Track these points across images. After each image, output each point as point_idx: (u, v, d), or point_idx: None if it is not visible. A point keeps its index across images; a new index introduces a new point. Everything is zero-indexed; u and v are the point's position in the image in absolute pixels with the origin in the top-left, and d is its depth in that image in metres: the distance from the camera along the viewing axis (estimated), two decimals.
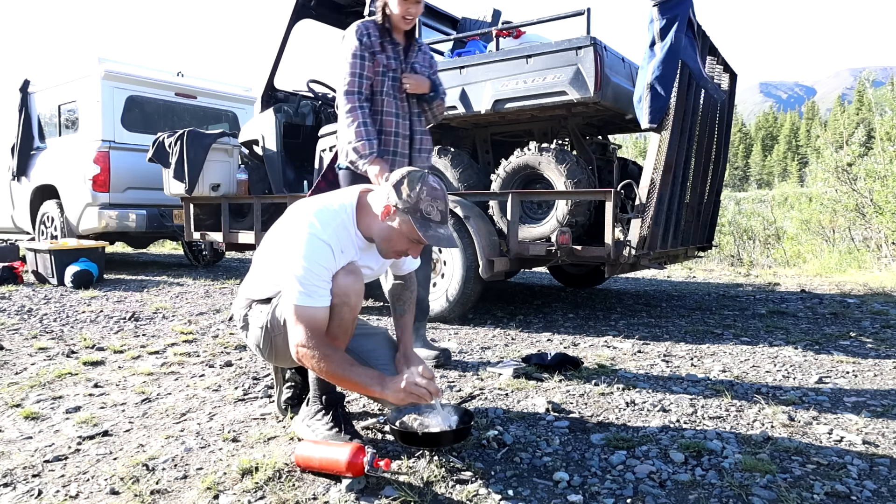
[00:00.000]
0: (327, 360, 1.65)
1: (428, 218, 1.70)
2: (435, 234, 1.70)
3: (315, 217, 1.73)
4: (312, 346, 1.65)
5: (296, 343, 1.67)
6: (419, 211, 1.69)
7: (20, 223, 7.67)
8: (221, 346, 3.33)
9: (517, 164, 3.95)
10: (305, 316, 1.67)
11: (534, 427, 2.05)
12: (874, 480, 1.66)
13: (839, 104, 24.54)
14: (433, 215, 1.70)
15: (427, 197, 1.69)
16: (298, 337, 1.67)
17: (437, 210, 1.71)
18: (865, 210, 9.14)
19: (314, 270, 1.66)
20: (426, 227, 1.69)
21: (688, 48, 3.44)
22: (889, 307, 4.42)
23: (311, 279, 1.66)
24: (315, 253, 1.67)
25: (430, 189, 1.71)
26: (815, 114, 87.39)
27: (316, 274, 1.67)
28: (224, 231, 5.39)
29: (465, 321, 3.96)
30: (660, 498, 1.56)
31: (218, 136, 5.51)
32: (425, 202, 1.69)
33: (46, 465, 1.80)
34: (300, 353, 1.67)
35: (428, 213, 1.70)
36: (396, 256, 1.83)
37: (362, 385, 1.68)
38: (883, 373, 2.73)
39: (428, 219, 1.70)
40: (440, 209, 1.72)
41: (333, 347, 1.69)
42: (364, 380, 1.67)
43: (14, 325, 3.86)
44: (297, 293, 1.66)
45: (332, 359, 1.65)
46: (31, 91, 7.44)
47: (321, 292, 1.68)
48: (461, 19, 5.38)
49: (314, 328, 1.66)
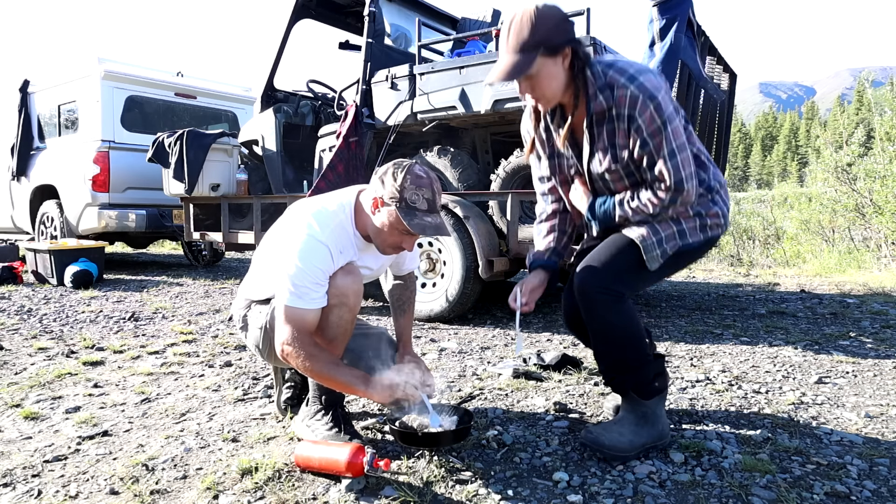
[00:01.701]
0: (312, 360, 1.65)
1: (413, 207, 1.67)
2: (420, 223, 1.66)
3: (313, 218, 1.73)
4: (298, 345, 1.65)
5: (281, 341, 1.68)
6: (404, 200, 1.66)
7: (20, 223, 7.67)
8: (221, 346, 3.33)
9: (517, 164, 3.95)
10: (293, 316, 1.67)
11: (533, 427, 2.05)
12: (874, 480, 1.65)
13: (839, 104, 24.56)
14: (419, 204, 1.67)
15: (411, 186, 1.66)
16: (284, 336, 1.67)
17: (422, 198, 1.67)
18: (865, 210, 9.15)
19: (308, 272, 1.66)
20: (411, 217, 1.66)
21: (688, 48, 3.44)
22: (889, 307, 4.42)
23: (303, 281, 1.66)
24: (311, 254, 1.67)
25: (415, 177, 1.67)
26: (815, 114, 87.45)
27: (309, 276, 1.66)
28: (224, 231, 5.39)
29: (465, 321, 3.96)
30: (660, 498, 1.56)
31: (218, 136, 5.52)
32: (409, 191, 1.66)
33: (46, 465, 1.80)
34: (285, 351, 1.67)
35: (413, 202, 1.66)
36: (393, 251, 1.81)
37: (347, 385, 1.69)
38: (883, 373, 2.73)
39: (413, 207, 1.67)
40: (426, 197, 1.68)
41: (319, 347, 1.69)
42: (349, 379, 1.68)
43: (14, 325, 3.86)
44: (288, 293, 1.67)
45: (318, 358, 1.66)
46: (30, 91, 7.44)
47: (313, 294, 1.68)
48: (461, 19, 5.39)
49: (301, 328, 1.67)
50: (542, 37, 1.57)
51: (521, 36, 1.58)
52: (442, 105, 4.07)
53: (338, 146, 4.26)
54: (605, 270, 1.74)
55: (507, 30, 1.62)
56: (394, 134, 4.33)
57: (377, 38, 4.62)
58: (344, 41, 5.49)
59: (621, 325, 1.74)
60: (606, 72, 1.66)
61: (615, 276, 1.73)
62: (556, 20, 1.60)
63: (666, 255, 1.75)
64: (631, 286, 1.80)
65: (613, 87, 1.64)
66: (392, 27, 5.06)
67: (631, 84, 1.62)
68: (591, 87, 1.67)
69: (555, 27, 1.59)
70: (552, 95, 1.68)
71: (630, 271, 1.76)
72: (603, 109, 1.68)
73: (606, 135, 1.71)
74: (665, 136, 1.64)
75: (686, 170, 1.68)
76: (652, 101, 1.61)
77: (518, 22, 1.60)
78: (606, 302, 1.72)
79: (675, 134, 1.65)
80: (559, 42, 1.61)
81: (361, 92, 4.42)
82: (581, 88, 1.68)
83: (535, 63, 1.59)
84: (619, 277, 1.74)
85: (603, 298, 1.72)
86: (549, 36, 1.58)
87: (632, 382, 1.80)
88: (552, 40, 1.58)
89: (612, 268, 1.74)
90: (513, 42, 1.60)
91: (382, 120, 4.38)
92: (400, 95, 4.28)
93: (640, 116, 1.63)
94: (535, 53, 1.58)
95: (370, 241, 1.81)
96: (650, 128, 1.63)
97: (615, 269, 1.74)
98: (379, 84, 4.41)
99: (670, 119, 1.64)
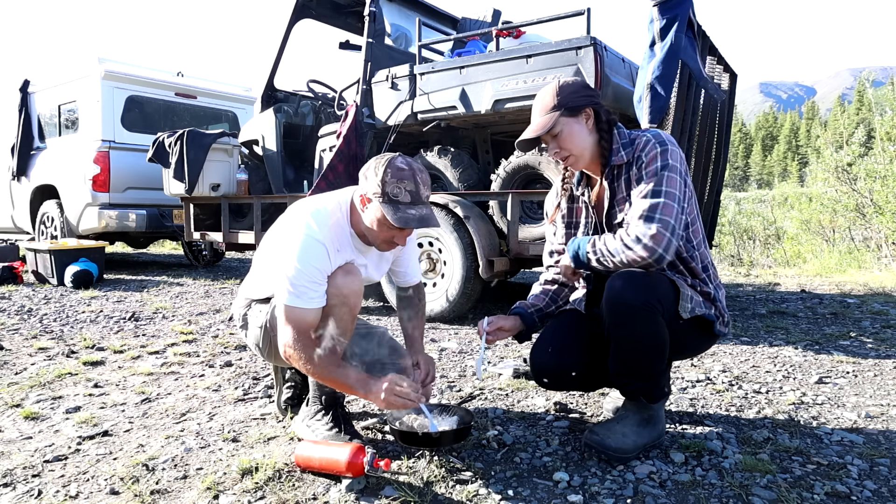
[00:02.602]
0: (314, 362, 1.65)
1: (396, 200, 1.65)
2: (403, 216, 1.64)
3: (311, 217, 1.73)
4: (300, 347, 1.66)
5: (284, 343, 1.68)
6: (386, 194, 1.65)
7: (20, 223, 7.68)
8: (221, 346, 3.33)
9: (517, 164, 3.95)
10: (294, 317, 1.67)
11: (534, 427, 2.05)
12: (874, 480, 1.65)
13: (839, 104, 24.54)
14: (401, 197, 1.66)
15: (392, 179, 1.65)
16: (286, 337, 1.68)
17: (404, 191, 1.66)
18: (865, 210, 9.15)
19: (306, 272, 1.66)
20: (394, 210, 1.65)
21: (688, 48, 3.43)
22: (889, 307, 4.42)
23: (301, 280, 1.66)
24: (309, 254, 1.67)
25: (395, 170, 1.66)
26: (815, 114, 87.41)
27: (307, 275, 1.66)
28: (224, 231, 5.39)
29: (465, 321, 3.96)
30: (660, 498, 1.56)
31: (218, 136, 5.52)
32: (391, 185, 1.65)
33: (46, 465, 1.80)
34: (287, 353, 1.68)
35: (395, 196, 1.65)
36: (388, 247, 1.82)
37: (348, 387, 1.69)
38: (883, 373, 2.73)
39: (396, 201, 1.65)
40: (408, 189, 1.66)
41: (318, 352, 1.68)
42: (350, 382, 1.68)
43: (14, 325, 3.86)
44: (287, 293, 1.67)
45: (320, 359, 1.66)
46: (31, 91, 7.44)
47: (311, 294, 1.67)
48: (461, 19, 5.39)
49: (301, 329, 1.67)
50: (563, 100, 1.76)
51: (545, 101, 1.78)
52: (442, 105, 4.07)
53: (338, 146, 4.26)
54: (645, 286, 1.68)
55: (535, 100, 1.83)
56: (394, 134, 4.33)
57: (377, 37, 4.62)
58: (344, 41, 5.49)
59: (657, 337, 1.70)
60: (632, 133, 1.82)
61: (654, 292, 1.69)
62: (577, 87, 1.79)
63: (693, 312, 1.74)
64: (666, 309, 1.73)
65: (635, 141, 1.78)
66: (392, 27, 5.06)
67: (648, 133, 1.78)
68: (616, 143, 1.80)
69: (574, 92, 1.78)
70: (578, 153, 1.79)
71: (666, 301, 1.72)
72: (622, 163, 1.79)
73: (625, 186, 1.80)
74: (659, 177, 1.69)
75: (665, 216, 1.65)
76: (661, 145, 1.72)
77: (543, 92, 1.81)
78: (647, 314, 1.67)
79: (670, 182, 1.68)
80: (579, 104, 1.77)
81: (362, 92, 4.42)
82: (606, 148, 1.80)
83: (557, 122, 1.75)
84: (657, 294, 1.70)
85: (644, 311, 1.67)
86: (569, 99, 1.76)
87: (646, 389, 1.80)
88: (572, 102, 1.76)
89: (651, 285, 1.70)
90: (538, 108, 1.81)
91: (383, 120, 4.38)
92: (400, 95, 4.28)
93: (646, 156, 1.73)
94: (557, 114, 1.75)
95: (366, 240, 1.81)
96: (649, 167, 1.72)
97: (653, 287, 1.70)
98: (379, 84, 4.41)
99: (671, 168, 1.69)
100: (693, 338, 1.85)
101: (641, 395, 1.81)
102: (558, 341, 1.92)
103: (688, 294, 1.75)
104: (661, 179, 1.68)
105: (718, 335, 1.87)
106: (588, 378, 1.94)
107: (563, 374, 1.91)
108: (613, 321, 1.72)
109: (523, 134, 1.80)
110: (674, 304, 1.73)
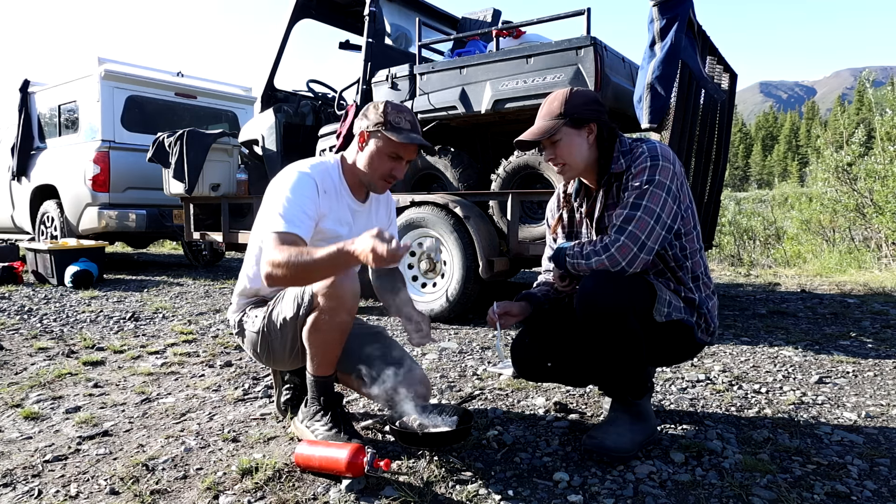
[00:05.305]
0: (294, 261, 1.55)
1: (398, 126, 1.79)
2: (408, 136, 1.78)
3: (300, 163, 1.86)
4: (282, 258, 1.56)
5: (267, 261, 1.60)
6: (389, 122, 1.79)
7: (20, 223, 7.68)
8: (221, 346, 3.33)
9: (517, 164, 3.95)
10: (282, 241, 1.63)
11: (534, 427, 2.05)
12: (874, 480, 1.65)
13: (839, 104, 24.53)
14: (402, 124, 1.80)
15: (392, 111, 1.80)
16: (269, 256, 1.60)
17: (405, 119, 1.81)
18: (865, 210, 9.14)
19: (297, 200, 1.73)
20: (399, 132, 1.78)
21: (688, 48, 3.43)
22: (889, 307, 4.42)
23: (293, 208, 1.71)
24: (299, 185, 1.77)
25: (394, 106, 1.82)
26: (815, 114, 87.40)
27: (299, 204, 1.72)
28: (224, 231, 5.39)
29: (465, 321, 3.96)
30: (660, 498, 1.56)
31: (218, 136, 5.52)
32: (392, 115, 1.79)
33: (46, 465, 1.80)
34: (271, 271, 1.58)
35: (397, 123, 1.79)
36: (385, 183, 1.88)
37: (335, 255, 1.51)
38: (883, 373, 2.73)
39: (398, 127, 1.79)
40: (408, 119, 1.82)
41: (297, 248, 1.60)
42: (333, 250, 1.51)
43: (14, 325, 3.86)
44: (276, 221, 1.69)
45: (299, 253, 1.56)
46: (31, 91, 7.44)
47: (299, 221, 1.70)
48: (461, 19, 5.39)
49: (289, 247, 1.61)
50: (570, 109, 1.75)
51: (552, 107, 1.78)
52: (442, 105, 4.07)
53: (338, 146, 4.26)
54: (617, 288, 1.69)
55: (544, 102, 1.83)
56: None
57: (377, 37, 4.62)
58: (344, 41, 5.49)
59: (630, 336, 1.71)
60: (633, 142, 1.80)
61: (626, 293, 1.69)
62: (587, 99, 1.78)
63: (670, 316, 1.74)
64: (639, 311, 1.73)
65: (633, 150, 1.78)
66: (392, 27, 5.06)
67: (647, 145, 1.76)
68: (616, 152, 1.80)
69: (583, 104, 1.77)
70: (573, 163, 1.79)
71: (643, 301, 1.72)
72: (620, 172, 1.78)
73: (616, 194, 1.80)
74: (642, 191, 1.69)
75: (636, 230, 1.66)
76: (652, 160, 1.72)
77: (553, 96, 1.81)
78: (617, 316, 1.68)
79: (651, 198, 1.68)
80: (585, 117, 1.76)
81: (362, 92, 4.42)
82: (605, 159, 1.80)
83: (559, 130, 1.75)
84: (629, 295, 1.70)
85: (614, 312, 1.67)
86: (576, 110, 1.75)
87: (630, 386, 1.83)
88: (578, 114, 1.75)
89: (623, 286, 1.70)
90: (544, 111, 1.81)
91: None
92: (400, 95, 4.28)
93: (636, 168, 1.73)
94: (561, 122, 1.75)
95: (357, 191, 1.90)
96: (636, 180, 1.72)
97: (625, 288, 1.70)
98: (379, 84, 4.41)
99: (657, 184, 1.69)
100: (671, 344, 1.85)
101: (625, 392, 1.84)
102: (536, 332, 1.96)
103: (665, 298, 1.74)
104: (644, 194, 1.69)
105: (701, 343, 1.87)
106: (571, 370, 1.97)
107: (537, 364, 1.96)
108: (585, 322, 1.73)
109: (524, 134, 1.81)
110: (649, 306, 1.73)
